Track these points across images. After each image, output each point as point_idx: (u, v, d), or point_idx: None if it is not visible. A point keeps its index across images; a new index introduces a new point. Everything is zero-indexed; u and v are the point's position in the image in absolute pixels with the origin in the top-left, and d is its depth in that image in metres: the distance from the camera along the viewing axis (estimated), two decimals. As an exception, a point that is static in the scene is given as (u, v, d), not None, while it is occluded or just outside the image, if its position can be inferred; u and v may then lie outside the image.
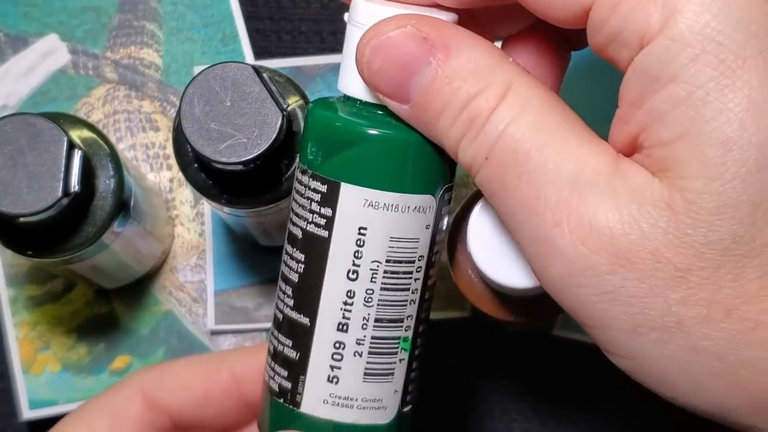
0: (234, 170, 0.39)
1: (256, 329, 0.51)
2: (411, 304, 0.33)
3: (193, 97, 0.38)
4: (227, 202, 0.41)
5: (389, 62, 0.28)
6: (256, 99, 0.38)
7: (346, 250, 0.32)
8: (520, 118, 0.27)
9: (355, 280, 0.32)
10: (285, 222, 0.45)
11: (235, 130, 0.38)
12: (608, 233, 0.26)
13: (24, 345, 0.50)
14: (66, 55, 0.53)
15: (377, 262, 0.32)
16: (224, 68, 0.38)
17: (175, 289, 0.51)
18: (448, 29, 0.28)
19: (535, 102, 0.27)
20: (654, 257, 0.26)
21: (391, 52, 0.28)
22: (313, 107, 0.32)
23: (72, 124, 0.42)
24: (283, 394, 0.33)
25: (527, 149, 0.27)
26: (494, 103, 0.27)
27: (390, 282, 0.32)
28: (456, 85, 0.27)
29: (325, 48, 0.53)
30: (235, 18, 0.53)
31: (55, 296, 0.51)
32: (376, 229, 0.32)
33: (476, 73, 0.27)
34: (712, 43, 0.25)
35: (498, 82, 0.27)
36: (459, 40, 0.28)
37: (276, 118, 0.38)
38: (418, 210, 0.32)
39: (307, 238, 0.32)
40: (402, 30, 0.28)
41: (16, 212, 0.39)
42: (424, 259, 0.33)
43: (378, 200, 0.31)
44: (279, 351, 0.34)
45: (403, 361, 0.34)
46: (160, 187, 0.52)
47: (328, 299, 0.32)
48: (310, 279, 0.33)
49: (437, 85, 0.28)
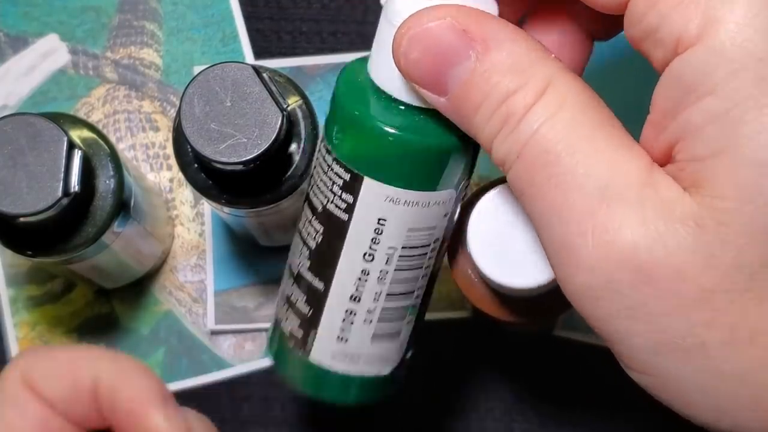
0: (234, 170, 0.39)
1: (257, 329, 0.51)
2: (422, 278, 0.35)
3: (193, 97, 0.38)
4: (227, 202, 0.41)
5: (427, 53, 0.27)
6: (256, 99, 0.38)
7: (364, 236, 0.33)
8: (555, 117, 0.26)
9: (371, 262, 0.33)
10: (285, 222, 0.45)
11: (235, 130, 0.38)
12: (632, 248, 0.25)
13: (24, 345, 0.50)
14: (66, 55, 0.53)
15: (393, 248, 0.33)
16: (224, 68, 0.38)
17: (175, 289, 0.51)
18: (488, 22, 0.27)
19: (572, 101, 0.26)
20: (679, 276, 0.25)
21: (429, 43, 0.27)
22: (343, 91, 0.32)
23: (72, 124, 0.42)
24: (294, 340, 0.36)
25: (559, 150, 0.26)
26: (531, 100, 0.26)
27: (405, 264, 0.34)
28: (495, 80, 0.27)
29: (326, 48, 0.53)
30: (235, 18, 0.53)
31: (55, 296, 0.51)
32: (395, 220, 0.33)
33: (515, 69, 0.27)
34: (754, 59, 0.24)
35: (537, 78, 0.27)
36: (499, 33, 0.27)
37: (276, 118, 0.38)
38: (439, 204, 0.32)
39: (327, 215, 0.33)
40: (441, 21, 0.27)
41: (16, 212, 0.39)
42: (439, 241, 0.34)
43: (400, 197, 0.32)
44: (293, 300, 0.35)
45: (410, 323, 0.36)
46: (160, 187, 0.52)
47: (343, 274, 0.34)
48: (327, 251, 0.34)
49: (476, 79, 0.27)
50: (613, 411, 0.50)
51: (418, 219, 0.33)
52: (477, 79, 0.27)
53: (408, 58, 0.28)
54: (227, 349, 0.51)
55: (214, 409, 0.50)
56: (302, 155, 0.41)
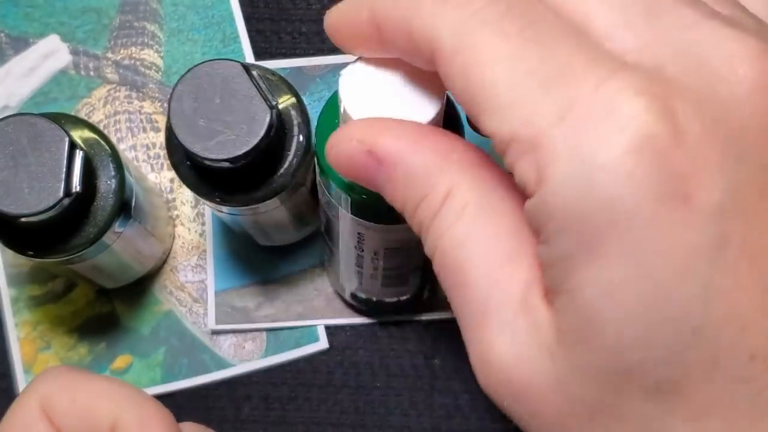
0: (224, 167, 0.39)
1: (257, 329, 0.51)
2: (417, 256, 0.40)
3: (182, 94, 0.38)
4: (220, 200, 0.41)
5: (347, 171, 0.30)
6: (245, 96, 0.38)
7: (350, 240, 0.39)
8: (454, 227, 0.28)
9: (362, 256, 0.39)
10: (282, 221, 0.46)
11: (224, 127, 0.38)
12: (506, 366, 0.27)
13: (25, 345, 0.51)
14: (67, 55, 0.53)
15: (376, 251, 0.38)
16: (213, 65, 0.39)
17: (176, 289, 0.51)
18: (389, 137, 0.29)
19: (470, 208, 0.28)
20: (541, 397, 0.26)
21: (345, 163, 0.30)
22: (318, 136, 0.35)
23: (73, 125, 0.42)
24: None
25: (457, 262, 0.28)
26: (435, 209, 0.28)
27: (391, 255, 0.39)
28: (403, 193, 0.29)
29: (326, 48, 0.53)
30: (235, 19, 0.53)
31: (57, 296, 0.51)
32: (371, 238, 0.37)
33: (416, 182, 0.29)
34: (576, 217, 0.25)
35: (440, 188, 0.28)
36: (399, 148, 0.29)
37: (264, 115, 0.38)
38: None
39: (325, 208, 0.39)
40: (349, 145, 0.29)
41: (18, 212, 0.39)
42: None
43: (370, 226, 0.36)
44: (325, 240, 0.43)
45: (417, 275, 0.43)
46: (160, 187, 0.52)
47: (343, 253, 0.41)
48: (331, 232, 0.41)
49: (388, 191, 0.29)
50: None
51: (394, 237, 0.37)
52: (389, 192, 0.29)
53: (336, 169, 0.30)
54: (227, 348, 0.51)
55: (214, 409, 0.50)
56: (294, 153, 0.41)
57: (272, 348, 0.51)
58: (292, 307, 0.51)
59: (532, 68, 0.25)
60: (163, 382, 0.50)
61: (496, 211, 0.28)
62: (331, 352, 0.51)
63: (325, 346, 0.51)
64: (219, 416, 0.50)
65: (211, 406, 0.51)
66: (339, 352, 0.51)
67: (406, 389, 0.50)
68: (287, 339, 0.51)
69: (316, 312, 0.51)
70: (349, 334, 0.51)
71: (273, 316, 0.51)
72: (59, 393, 0.34)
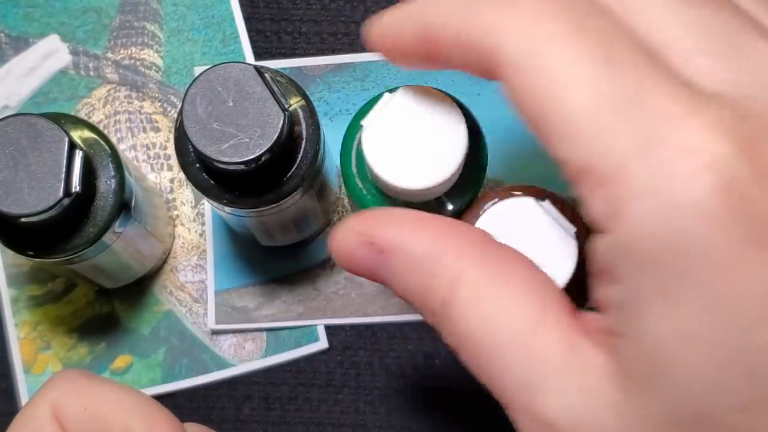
0: (236, 170, 0.39)
1: (257, 329, 0.51)
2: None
3: (196, 97, 0.38)
4: (229, 202, 0.41)
5: (349, 267, 0.30)
6: (258, 99, 0.38)
7: None
8: (472, 311, 0.27)
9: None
10: (286, 222, 0.46)
11: (237, 130, 0.38)
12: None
13: (25, 345, 0.51)
14: (67, 55, 0.53)
15: None
16: (226, 68, 0.39)
17: (176, 289, 0.51)
18: (388, 227, 0.29)
19: (483, 290, 0.27)
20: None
21: (347, 258, 0.30)
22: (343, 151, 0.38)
23: (73, 125, 0.42)
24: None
25: (485, 346, 0.27)
26: (444, 297, 0.27)
27: None
28: (407, 281, 0.28)
29: (326, 49, 0.53)
30: (235, 19, 0.53)
31: (57, 296, 0.51)
32: None
33: (423, 268, 0.28)
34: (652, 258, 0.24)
35: (442, 275, 0.27)
36: (398, 236, 0.28)
37: (278, 119, 0.38)
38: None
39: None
40: (352, 239, 0.29)
41: (18, 212, 0.39)
42: None
43: None
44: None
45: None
46: (160, 187, 0.52)
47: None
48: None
49: (394, 283, 0.29)
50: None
51: None
52: (396, 282, 0.29)
53: (340, 266, 0.30)
54: (227, 348, 0.51)
55: (214, 409, 0.50)
56: (303, 155, 0.41)
57: (272, 348, 0.51)
58: (292, 307, 0.51)
59: (610, 94, 0.24)
60: (163, 382, 0.50)
61: (509, 283, 0.27)
62: (331, 352, 0.51)
63: (325, 346, 0.51)
64: (219, 416, 0.50)
65: (211, 406, 0.51)
66: (339, 352, 0.51)
67: (406, 389, 0.50)
68: (287, 339, 0.51)
69: (316, 312, 0.51)
70: (349, 334, 0.51)
71: (273, 316, 0.51)
72: (71, 399, 0.34)
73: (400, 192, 0.38)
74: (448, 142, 0.36)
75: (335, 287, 0.51)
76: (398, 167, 0.37)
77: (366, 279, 0.30)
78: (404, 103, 0.37)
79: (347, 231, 0.30)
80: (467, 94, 0.51)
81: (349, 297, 0.51)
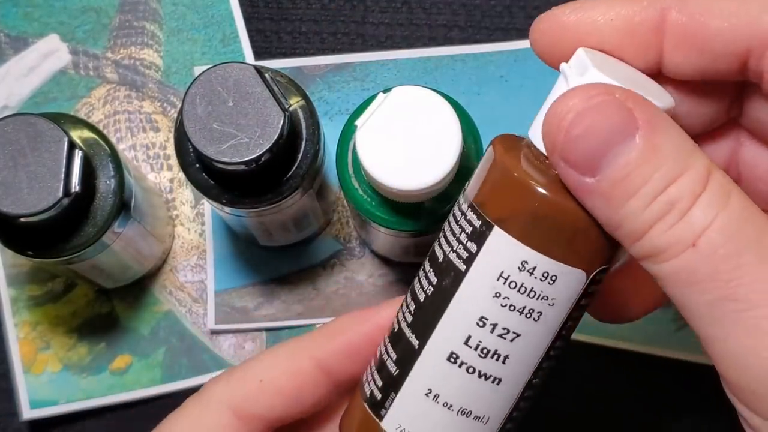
0: (236, 170, 0.39)
1: (257, 329, 0.51)
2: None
3: (196, 97, 0.38)
4: (228, 202, 0.41)
5: (591, 130, 0.26)
6: (258, 99, 0.38)
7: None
8: (727, 207, 0.25)
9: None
10: (286, 222, 0.46)
11: (237, 130, 0.38)
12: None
13: (25, 345, 0.51)
14: (66, 55, 0.53)
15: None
16: (226, 68, 0.39)
17: (176, 289, 0.51)
18: (651, 105, 0.26)
19: (736, 193, 0.26)
20: None
21: (595, 119, 0.26)
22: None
23: (73, 125, 0.42)
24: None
25: (739, 247, 0.25)
26: (699, 189, 0.25)
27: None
28: (658, 164, 0.26)
29: (326, 48, 0.53)
30: (235, 18, 0.53)
31: (56, 296, 0.51)
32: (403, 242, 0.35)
33: (678, 154, 0.26)
34: None
35: (699, 166, 0.26)
36: (661, 118, 0.26)
37: (278, 119, 0.38)
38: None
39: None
40: (610, 98, 0.26)
41: (17, 212, 0.39)
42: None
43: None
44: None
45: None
46: (160, 187, 0.52)
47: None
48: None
49: (639, 162, 0.26)
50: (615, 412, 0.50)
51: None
52: (640, 162, 0.26)
53: (570, 133, 0.26)
54: (227, 349, 0.51)
55: (214, 408, 0.50)
56: (303, 155, 0.41)
57: (272, 348, 0.51)
58: (291, 307, 0.51)
59: None
60: (162, 382, 0.50)
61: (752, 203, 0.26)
62: (331, 352, 0.51)
63: (325, 346, 0.51)
64: (219, 416, 0.50)
65: (210, 406, 0.51)
66: (339, 352, 0.51)
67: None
68: (287, 339, 0.51)
69: (316, 312, 0.51)
70: (349, 334, 0.51)
71: (272, 316, 0.51)
72: (239, 389, 0.34)
73: (394, 193, 0.37)
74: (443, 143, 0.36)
75: (335, 287, 0.51)
76: (392, 168, 0.36)
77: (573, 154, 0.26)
78: (398, 104, 0.37)
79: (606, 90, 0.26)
80: (467, 93, 0.51)
81: (349, 297, 0.51)
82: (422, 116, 0.37)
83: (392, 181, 0.36)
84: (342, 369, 0.35)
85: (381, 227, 0.41)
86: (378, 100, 0.37)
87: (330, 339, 0.35)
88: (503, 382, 0.30)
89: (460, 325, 0.29)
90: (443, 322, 0.30)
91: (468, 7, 0.53)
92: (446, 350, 0.30)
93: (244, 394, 0.34)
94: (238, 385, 0.34)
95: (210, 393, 0.35)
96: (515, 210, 0.28)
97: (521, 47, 0.52)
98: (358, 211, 0.41)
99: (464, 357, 0.29)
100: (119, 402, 0.50)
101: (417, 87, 0.37)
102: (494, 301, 0.29)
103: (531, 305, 0.29)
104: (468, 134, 0.39)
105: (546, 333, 0.29)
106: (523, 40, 0.52)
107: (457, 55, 0.52)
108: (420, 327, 0.30)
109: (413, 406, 0.31)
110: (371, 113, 0.37)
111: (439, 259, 0.30)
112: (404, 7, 0.53)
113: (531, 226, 0.28)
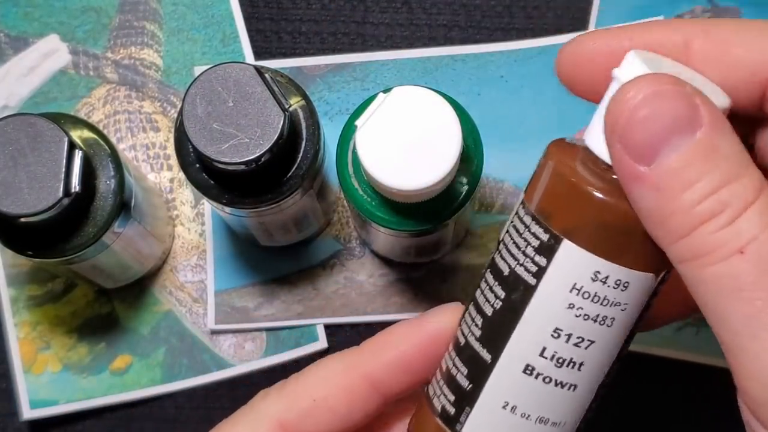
0: (236, 170, 0.39)
1: (257, 329, 0.51)
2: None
3: (196, 97, 0.38)
4: (228, 202, 0.41)
5: (656, 115, 0.26)
6: (258, 99, 0.38)
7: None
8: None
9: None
10: (286, 222, 0.46)
11: (237, 131, 0.38)
12: None
13: (25, 345, 0.51)
14: (67, 55, 0.53)
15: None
16: (226, 68, 0.39)
17: (176, 289, 0.51)
18: (716, 107, 0.26)
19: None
20: None
21: (662, 106, 0.26)
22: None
23: (73, 125, 0.42)
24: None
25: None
26: (751, 198, 0.25)
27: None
28: (717, 162, 0.25)
29: (326, 48, 0.53)
30: (235, 18, 0.53)
31: (56, 296, 0.51)
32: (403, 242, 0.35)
33: (734, 161, 0.26)
34: None
35: (753, 177, 0.26)
36: (724, 122, 0.26)
37: (278, 119, 0.38)
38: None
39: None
40: (680, 89, 0.26)
41: (17, 212, 0.39)
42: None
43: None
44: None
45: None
46: (160, 187, 0.52)
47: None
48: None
49: (698, 155, 0.26)
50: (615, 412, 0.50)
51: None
52: (699, 156, 0.26)
53: (636, 114, 0.26)
54: (227, 349, 0.51)
55: (214, 409, 0.50)
56: (304, 155, 0.41)
57: (272, 348, 0.51)
58: (291, 307, 0.51)
59: None
60: (162, 382, 0.50)
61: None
62: (331, 351, 0.51)
63: (325, 345, 0.51)
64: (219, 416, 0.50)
65: (211, 406, 0.51)
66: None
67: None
68: (287, 339, 0.51)
69: (316, 311, 0.51)
70: (349, 333, 0.51)
71: (273, 315, 0.51)
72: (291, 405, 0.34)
73: (394, 193, 0.37)
74: (443, 143, 0.36)
75: (335, 287, 0.51)
76: (392, 168, 0.37)
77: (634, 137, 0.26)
78: (398, 104, 0.37)
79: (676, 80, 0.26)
80: (467, 94, 0.51)
81: (349, 297, 0.51)
82: (422, 116, 0.37)
83: (392, 181, 0.37)
84: (394, 383, 0.34)
85: (381, 227, 0.41)
86: (378, 100, 0.37)
87: (382, 353, 0.34)
88: (579, 388, 0.30)
89: (534, 337, 0.29)
90: (516, 335, 0.29)
91: (468, 7, 0.53)
92: (522, 363, 0.29)
93: (296, 412, 0.34)
94: (290, 401, 0.34)
95: (261, 406, 0.34)
96: (581, 220, 0.28)
97: (521, 47, 0.52)
98: (358, 211, 0.41)
99: (540, 368, 0.29)
100: (119, 402, 0.50)
101: (417, 87, 0.37)
102: (568, 312, 0.28)
103: (604, 312, 0.29)
104: (468, 134, 0.39)
105: (618, 336, 0.29)
106: (523, 40, 0.52)
107: (457, 55, 0.52)
108: (491, 341, 0.30)
109: (490, 419, 0.30)
110: (371, 113, 0.37)
111: (505, 272, 0.30)
112: (404, 7, 0.53)
113: (599, 235, 0.28)
